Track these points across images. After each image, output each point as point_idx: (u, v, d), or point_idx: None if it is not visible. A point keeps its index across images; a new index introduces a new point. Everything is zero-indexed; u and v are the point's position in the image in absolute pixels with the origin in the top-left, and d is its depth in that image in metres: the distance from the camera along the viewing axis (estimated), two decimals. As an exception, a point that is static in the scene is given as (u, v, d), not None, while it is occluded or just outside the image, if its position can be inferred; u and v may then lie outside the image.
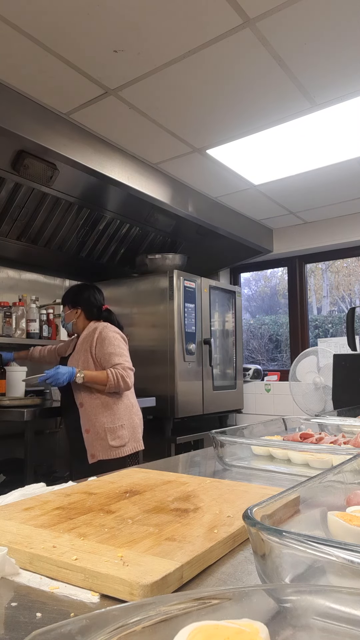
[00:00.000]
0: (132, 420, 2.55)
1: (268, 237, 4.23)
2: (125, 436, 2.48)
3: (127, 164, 2.77)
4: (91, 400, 2.49)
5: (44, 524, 0.75)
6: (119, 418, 2.49)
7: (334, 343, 3.67)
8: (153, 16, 1.73)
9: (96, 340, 2.52)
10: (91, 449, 2.45)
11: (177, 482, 1.01)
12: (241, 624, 0.40)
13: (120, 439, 2.46)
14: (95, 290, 2.74)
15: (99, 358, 2.51)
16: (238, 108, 2.33)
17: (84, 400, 2.50)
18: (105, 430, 2.44)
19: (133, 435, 2.53)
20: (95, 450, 2.44)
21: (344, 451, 1.11)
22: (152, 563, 0.59)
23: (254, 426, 1.54)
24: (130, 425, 2.53)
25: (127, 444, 2.49)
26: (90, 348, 2.53)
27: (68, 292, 2.73)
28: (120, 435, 2.47)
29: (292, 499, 0.67)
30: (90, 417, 2.47)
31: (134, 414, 2.59)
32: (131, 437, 2.52)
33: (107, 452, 2.43)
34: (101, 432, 2.44)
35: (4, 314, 3.12)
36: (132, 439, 2.52)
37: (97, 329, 2.56)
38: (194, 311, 3.54)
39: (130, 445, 2.50)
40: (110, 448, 2.44)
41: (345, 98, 2.25)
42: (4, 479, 2.83)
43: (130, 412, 2.57)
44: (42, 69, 2.02)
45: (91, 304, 2.67)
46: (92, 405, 2.48)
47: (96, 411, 2.47)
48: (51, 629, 0.38)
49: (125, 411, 2.53)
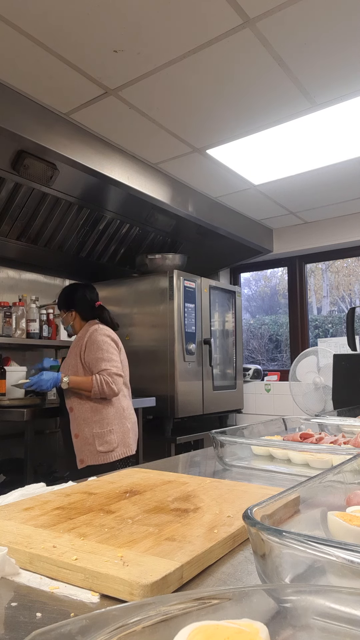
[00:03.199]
0: (122, 425, 2.50)
1: (268, 237, 4.23)
2: (113, 441, 2.43)
3: (127, 164, 2.77)
4: (80, 405, 2.46)
5: (44, 524, 0.75)
6: (108, 423, 2.44)
7: (334, 343, 3.67)
8: (153, 16, 1.73)
9: (85, 345, 2.49)
10: (80, 454, 2.42)
11: (177, 482, 1.01)
12: (241, 624, 0.40)
13: (109, 444, 2.42)
14: (86, 288, 2.70)
15: (88, 363, 2.47)
16: (238, 108, 2.33)
17: (73, 405, 2.48)
18: (94, 435, 2.41)
19: (123, 440, 2.48)
20: (83, 456, 2.42)
21: (344, 451, 1.11)
22: (152, 563, 0.59)
23: (254, 426, 1.54)
24: (120, 430, 2.48)
25: (116, 450, 2.44)
26: (80, 352, 2.50)
27: (61, 295, 2.70)
28: (109, 440, 2.42)
29: (292, 499, 0.67)
30: (80, 422, 2.44)
31: (125, 419, 2.53)
32: (120, 442, 2.46)
33: (95, 458, 2.40)
34: (89, 438, 2.41)
35: (4, 314, 3.12)
36: (122, 444, 2.47)
37: (87, 332, 2.52)
38: (194, 311, 3.54)
39: (119, 450, 2.45)
40: (98, 453, 2.40)
41: (345, 98, 2.25)
42: (4, 479, 2.83)
43: (121, 417, 2.51)
44: (42, 69, 2.02)
45: (84, 304, 2.64)
46: (82, 410, 2.45)
47: (85, 416, 2.44)
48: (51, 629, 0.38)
49: (115, 416, 2.48)
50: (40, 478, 2.40)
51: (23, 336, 3.17)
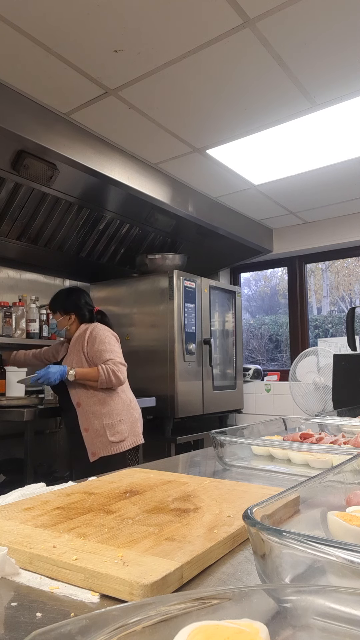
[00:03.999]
0: (130, 415, 2.57)
1: (268, 237, 4.23)
2: (124, 431, 2.51)
3: (127, 164, 2.77)
4: (88, 398, 2.50)
5: (44, 524, 0.75)
6: (117, 414, 2.51)
7: (334, 343, 3.67)
8: (153, 16, 1.73)
9: (87, 340, 2.55)
10: (91, 447, 2.46)
11: (177, 482, 1.01)
12: (241, 624, 0.40)
13: (120, 434, 2.48)
14: (84, 293, 2.77)
15: (91, 356, 2.53)
16: (238, 108, 2.33)
17: (80, 399, 2.51)
18: (104, 426, 2.46)
19: (132, 429, 2.55)
20: (95, 448, 2.46)
21: (344, 451, 1.11)
22: (152, 563, 0.59)
23: (254, 426, 1.54)
24: (129, 420, 2.56)
25: (127, 439, 2.51)
26: (83, 348, 2.55)
27: (57, 298, 2.72)
28: (120, 430, 2.49)
29: (292, 499, 0.67)
30: (88, 416, 2.48)
31: (132, 409, 2.61)
32: (130, 432, 2.54)
33: (107, 449, 2.45)
34: (100, 430, 2.46)
35: (4, 314, 3.12)
36: (132, 434, 2.55)
37: (87, 329, 2.60)
38: (194, 311, 3.54)
39: (130, 439, 2.53)
40: (110, 444, 2.46)
41: (345, 98, 2.25)
42: (4, 479, 2.83)
43: (129, 407, 2.59)
44: (42, 69, 2.02)
45: (83, 308, 2.69)
46: (89, 403, 2.50)
47: (94, 409, 2.49)
48: (51, 629, 0.38)
49: (123, 406, 2.55)
50: (40, 478, 2.40)
51: (23, 336, 3.18)
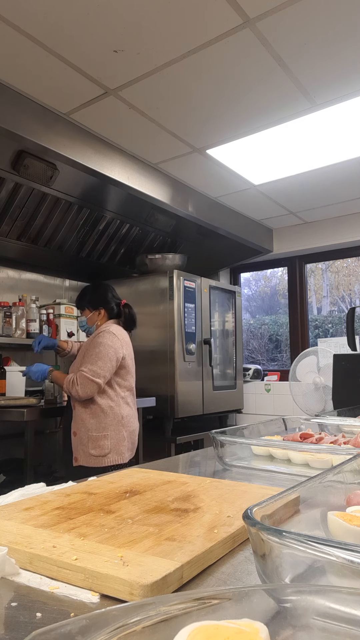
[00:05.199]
0: (118, 432, 2.44)
1: (268, 237, 4.23)
2: (106, 447, 2.39)
3: (127, 164, 2.77)
4: (81, 405, 2.45)
5: (44, 524, 0.75)
6: (103, 428, 2.40)
7: (334, 343, 3.67)
8: (153, 16, 1.73)
9: (92, 343, 2.48)
10: (75, 452, 2.43)
11: (177, 482, 1.01)
12: (241, 624, 0.40)
13: (101, 449, 2.38)
14: (110, 287, 2.70)
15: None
16: (238, 108, 2.33)
17: (75, 403, 2.48)
18: (89, 437, 2.39)
19: (116, 447, 2.42)
20: (77, 454, 2.42)
21: (344, 451, 1.11)
22: (152, 563, 0.59)
23: (254, 426, 1.54)
24: (115, 437, 2.43)
25: (108, 455, 2.39)
26: (87, 351, 2.50)
27: (84, 295, 2.65)
28: (102, 445, 2.39)
29: (292, 499, 0.67)
30: (78, 422, 2.44)
31: (122, 426, 2.46)
32: (113, 449, 2.41)
33: (87, 459, 2.38)
34: (84, 438, 2.40)
35: (4, 314, 3.12)
36: (114, 452, 2.41)
37: (101, 332, 2.49)
38: (194, 311, 3.54)
39: (111, 457, 2.40)
40: (90, 456, 2.38)
41: (345, 98, 2.25)
42: (4, 479, 2.83)
43: (118, 424, 2.45)
44: (42, 69, 2.02)
45: (111, 302, 2.63)
46: (82, 410, 2.44)
47: (84, 417, 2.43)
48: (51, 629, 0.38)
49: (112, 422, 2.43)
50: (40, 478, 2.40)
51: (23, 336, 3.17)
